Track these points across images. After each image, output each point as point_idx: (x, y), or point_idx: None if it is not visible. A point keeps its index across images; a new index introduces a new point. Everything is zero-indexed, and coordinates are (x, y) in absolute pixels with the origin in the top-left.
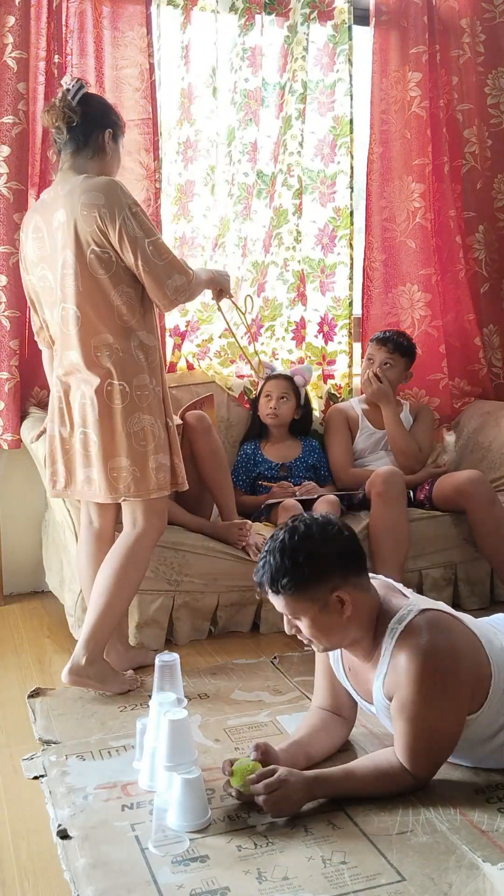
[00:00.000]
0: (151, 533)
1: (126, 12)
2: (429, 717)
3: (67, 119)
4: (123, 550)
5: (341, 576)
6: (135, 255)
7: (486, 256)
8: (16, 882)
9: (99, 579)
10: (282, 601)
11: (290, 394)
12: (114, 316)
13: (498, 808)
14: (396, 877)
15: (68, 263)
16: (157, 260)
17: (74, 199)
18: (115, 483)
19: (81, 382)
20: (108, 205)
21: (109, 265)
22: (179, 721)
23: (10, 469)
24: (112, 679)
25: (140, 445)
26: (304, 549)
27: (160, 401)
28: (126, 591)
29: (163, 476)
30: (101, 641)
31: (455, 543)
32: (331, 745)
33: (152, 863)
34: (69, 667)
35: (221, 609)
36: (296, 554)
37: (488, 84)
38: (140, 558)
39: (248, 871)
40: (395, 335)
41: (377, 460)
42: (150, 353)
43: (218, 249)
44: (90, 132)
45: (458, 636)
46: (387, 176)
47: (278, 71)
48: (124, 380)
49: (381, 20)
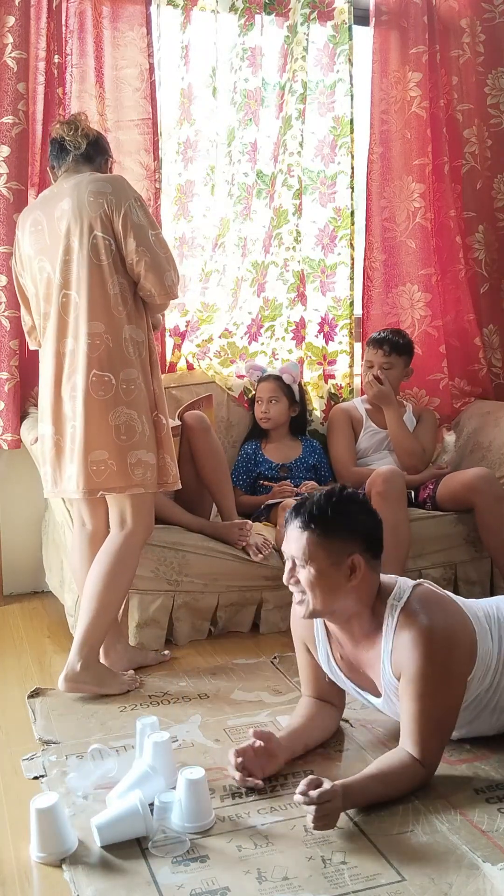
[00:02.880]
0: (140, 532)
1: (126, 12)
2: (437, 693)
3: (87, 135)
4: (112, 552)
5: (363, 547)
6: (136, 241)
7: (486, 256)
8: (16, 882)
9: (88, 583)
10: (304, 538)
11: (280, 394)
12: (108, 305)
13: (498, 808)
14: (396, 877)
15: (71, 249)
16: (161, 251)
17: (82, 188)
18: (93, 477)
19: (72, 373)
20: (116, 193)
21: (109, 252)
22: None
23: (10, 469)
24: (110, 680)
25: (120, 439)
26: (348, 506)
27: (149, 397)
28: (117, 594)
29: (141, 473)
30: (94, 646)
31: (455, 543)
32: (325, 732)
33: (152, 863)
34: (64, 674)
35: (221, 609)
36: (340, 504)
37: (488, 84)
38: (129, 560)
39: (248, 871)
40: (390, 335)
41: (380, 460)
42: (139, 347)
43: (218, 249)
44: (98, 153)
45: (449, 606)
46: (387, 176)
47: (278, 71)
48: (111, 371)
49: (381, 20)
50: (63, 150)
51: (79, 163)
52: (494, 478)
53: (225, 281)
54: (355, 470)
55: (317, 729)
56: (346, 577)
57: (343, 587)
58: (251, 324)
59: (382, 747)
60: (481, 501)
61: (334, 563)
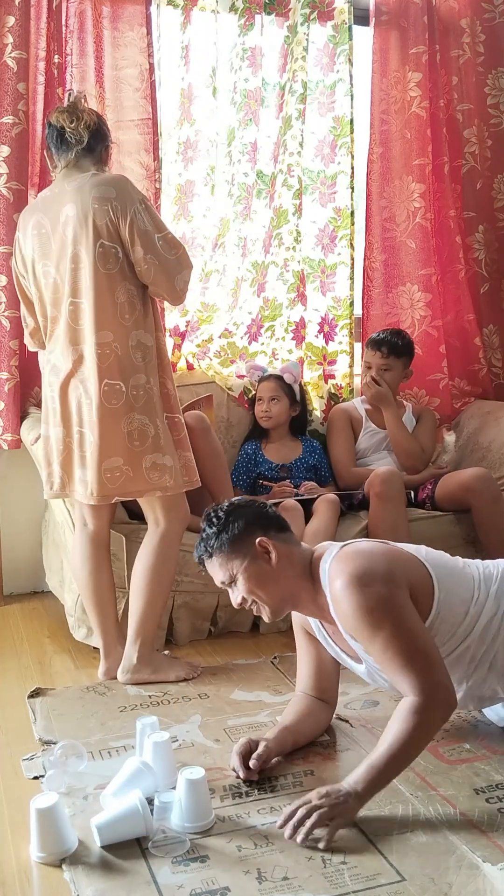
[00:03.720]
0: (175, 528)
1: (126, 12)
2: (388, 623)
3: (88, 126)
4: (152, 549)
5: (261, 529)
6: (144, 249)
7: (486, 256)
8: (16, 882)
9: (134, 579)
10: (216, 564)
11: (281, 394)
12: (116, 313)
13: (498, 808)
14: (396, 877)
15: (79, 258)
16: (168, 254)
17: (85, 193)
18: (108, 484)
19: (80, 381)
20: (121, 199)
21: (116, 260)
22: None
23: (10, 469)
24: (167, 668)
25: (133, 445)
26: (225, 516)
27: (159, 399)
28: (162, 586)
29: (157, 476)
30: (148, 639)
31: (455, 543)
32: (316, 729)
33: (152, 863)
34: (122, 667)
35: (221, 609)
36: (219, 521)
37: (488, 84)
38: (169, 553)
39: (248, 871)
40: (389, 336)
41: (380, 460)
42: (147, 353)
43: (218, 249)
44: (98, 141)
45: (376, 554)
46: (387, 176)
47: (278, 71)
48: (121, 379)
49: (381, 20)
50: (63, 140)
51: (80, 157)
52: (491, 478)
53: (225, 281)
54: (355, 471)
55: (307, 726)
56: (267, 561)
57: (272, 572)
58: (251, 324)
59: None
60: (478, 501)
61: (249, 558)
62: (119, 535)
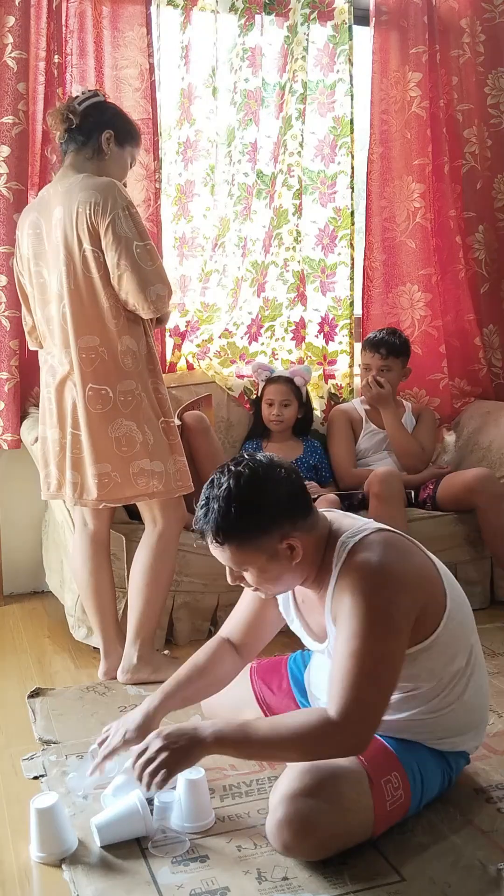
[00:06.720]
0: (172, 528)
1: (126, 12)
2: (371, 636)
3: (66, 121)
4: (150, 548)
5: (290, 521)
6: (118, 254)
7: (486, 256)
8: (16, 882)
9: (133, 579)
10: (226, 553)
11: (292, 398)
12: (102, 318)
13: (498, 808)
14: (396, 877)
15: (65, 261)
16: (145, 264)
17: (72, 196)
18: (99, 489)
19: (73, 384)
20: (103, 202)
21: (99, 265)
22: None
23: (10, 469)
24: (166, 667)
25: (121, 451)
26: (252, 497)
27: (149, 405)
28: (160, 585)
29: (145, 482)
30: (147, 637)
31: (455, 543)
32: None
33: (152, 863)
34: (122, 667)
35: (221, 609)
36: (243, 503)
37: (488, 84)
38: (166, 552)
39: (248, 871)
40: (386, 336)
41: (380, 460)
42: (136, 358)
43: (218, 249)
44: (90, 133)
45: (413, 558)
46: (387, 176)
47: (278, 71)
48: (107, 384)
49: (381, 20)
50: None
51: (76, 153)
52: (495, 478)
53: (225, 281)
54: (355, 471)
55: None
56: (289, 559)
57: (290, 568)
58: (251, 324)
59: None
60: (483, 502)
61: (270, 556)
62: (119, 535)
